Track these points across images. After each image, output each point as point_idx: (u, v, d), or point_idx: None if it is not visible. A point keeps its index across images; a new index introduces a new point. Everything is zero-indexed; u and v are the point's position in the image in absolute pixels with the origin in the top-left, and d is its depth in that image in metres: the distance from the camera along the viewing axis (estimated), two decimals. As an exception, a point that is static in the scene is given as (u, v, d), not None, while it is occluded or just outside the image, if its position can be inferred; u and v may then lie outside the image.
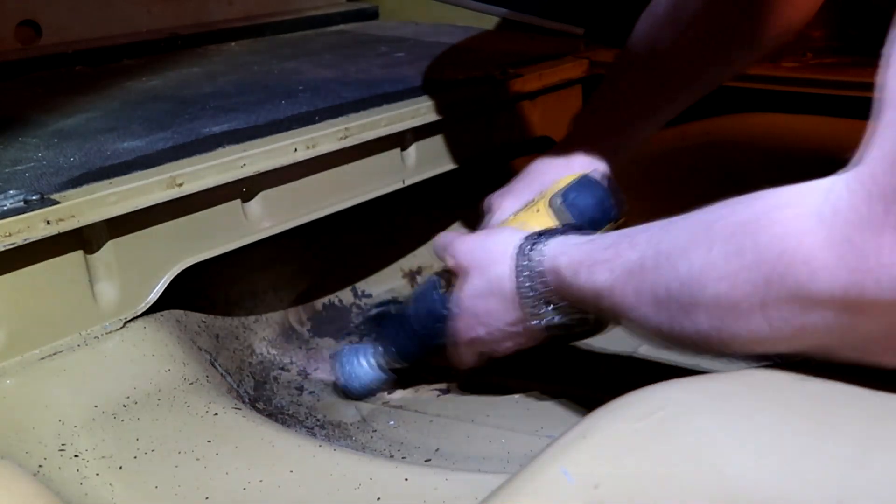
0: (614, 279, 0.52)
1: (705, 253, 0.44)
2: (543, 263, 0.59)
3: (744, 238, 0.42)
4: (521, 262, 0.61)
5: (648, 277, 0.49)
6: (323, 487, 0.52)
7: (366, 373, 0.76)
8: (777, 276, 0.40)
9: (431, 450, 0.67)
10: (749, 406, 0.41)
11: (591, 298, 0.55)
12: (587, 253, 0.56)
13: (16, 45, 1.12)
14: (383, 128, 0.83)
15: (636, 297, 0.50)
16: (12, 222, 0.58)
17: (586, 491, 0.36)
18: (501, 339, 0.66)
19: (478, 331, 0.66)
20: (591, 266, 0.54)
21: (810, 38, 1.10)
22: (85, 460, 0.53)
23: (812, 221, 0.39)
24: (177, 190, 0.67)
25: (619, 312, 0.52)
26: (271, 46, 1.22)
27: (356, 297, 0.96)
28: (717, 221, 0.45)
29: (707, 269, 0.44)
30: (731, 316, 0.43)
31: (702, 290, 0.44)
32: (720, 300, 0.43)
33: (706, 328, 0.45)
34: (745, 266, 0.41)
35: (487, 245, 0.65)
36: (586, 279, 0.55)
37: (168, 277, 0.69)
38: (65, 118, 0.83)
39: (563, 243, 0.60)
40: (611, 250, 0.53)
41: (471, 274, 0.65)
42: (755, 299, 0.41)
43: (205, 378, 0.65)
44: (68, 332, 0.63)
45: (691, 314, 0.45)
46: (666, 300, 0.47)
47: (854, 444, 0.37)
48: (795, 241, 0.39)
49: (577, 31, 1.21)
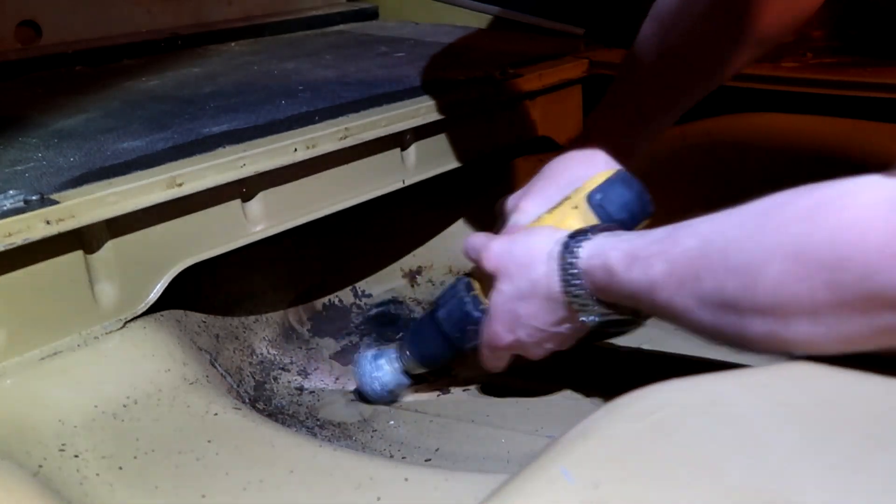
0: (670, 270, 0.50)
1: (765, 238, 0.42)
2: (591, 260, 0.58)
3: (810, 222, 0.40)
4: (567, 259, 0.59)
5: (704, 267, 0.46)
6: (323, 487, 0.52)
7: (390, 379, 0.74)
8: (852, 258, 0.38)
9: (431, 450, 0.67)
10: (749, 406, 0.41)
11: (644, 293, 0.52)
12: (640, 246, 0.53)
13: (16, 45, 1.12)
14: (383, 128, 0.83)
15: (691, 290, 0.48)
16: (12, 222, 0.58)
17: (586, 491, 0.36)
18: (542, 340, 0.64)
19: (518, 333, 0.64)
20: (647, 259, 0.52)
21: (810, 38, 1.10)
22: (85, 460, 0.53)
23: (886, 209, 0.37)
24: (177, 190, 0.67)
25: (672, 307, 0.50)
26: (271, 46, 1.22)
27: (356, 297, 0.96)
28: (782, 207, 0.43)
29: (774, 250, 0.42)
30: (794, 306, 0.41)
31: (764, 272, 0.42)
32: (783, 285, 0.41)
33: (764, 321, 0.43)
34: (815, 247, 0.40)
35: (528, 244, 0.63)
36: (641, 273, 0.52)
37: (168, 277, 0.69)
38: (65, 118, 0.83)
39: (610, 239, 0.58)
40: (667, 241, 0.51)
41: (511, 275, 0.63)
42: (823, 286, 0.39)
43: (205, 378, 0.65)
44: (68, 332, 0.63)
45: (747, 304, 0.44)
46: (721, 290, 0.45)
47: (854, 443, 0.37)
48: (876, 225, 0.37)
49: (577, 31, 1.21)
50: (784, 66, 1.04)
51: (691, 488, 0.36)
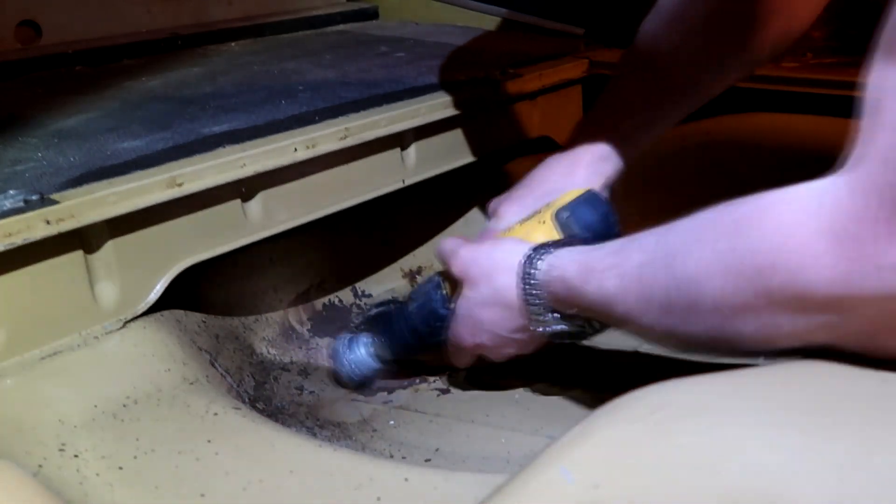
0: (623, 285, 0.53)
1: (702, 253, 0.46)
2: (551, 273, 0.61)
3: (739, 234, 0.43)
4: (528, 271, 0.62)
5: (655, 280, 0.50)
6: (323, 487, 0.52)
7: (362, 361, 0.78)
8: (777, 263, 0.41)
9: (431, 450, 0.67)
10: (748, 406, 0.41)
11: (601, 306, 0.56)
12: (596, 259, 0.57)
13: (16, 45, 1.12)
14: (383, 128, 0.83)
15: (644, 303, 0.51)
16: (12, 222, 0.58)
17: (586, 491, 0.36)
18: (503, 345, 0.68)
19: (480, 337, 0.68)
20: (602, 272, 0.55)
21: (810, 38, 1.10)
22: (85, 460, 0.53)
23: (806, 215, 0.40)
24: (177, 190, 0.67)
25: (629, 321, 0.54)
26: (271, 46, 1.22)
27: (356, 297, 0.96)
28: (715, 221, 0.46)
29: (705, 268, 0.45)
30: (736, 312, 0.44)
31: (701, 289, 0.46)
32: (724, 296, 0.44)
33: (714, 328, 0.46)
34: (745, 258, 0.43)
35: (493, 255, 0.67)
36: (596, 286, 0.55)
37: (168, 277, 0.69)
38: (65, 118, 0.83)
39: (570, 252, 0.61)
40: (620, 255, 0.54)
41: (475, 282, 0.67)
42: (757, 292, 0.42)
43: (205, 378, 0.65)
44: (68, 332, 0.63)
45: (694, 314, 0.47)
46: (673, 302, 0.48)
47: (854, 443, 0.37)
48: (789, 232, 0.40)
49: (577, 31, 1.21)
50: (784, 66, 1.04)
51: (691, 488, 0.36)
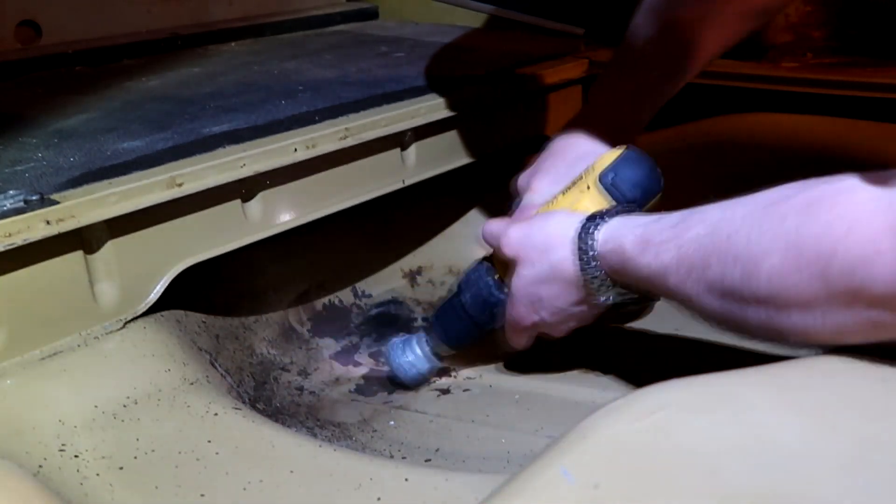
0: (680, 257, 0.52)
1: (766, 230, 0.44)
2: (607, 245, 0.60)
3: (806, 215, 0.42)
4: (584, 244, 0.61)
5: (710, 254, 0.49)
6: (323, 487, 0.52)
7: (419, 362, 0.78)
8: (841, 250, 0.40)
9: (431, 450, 0.67)
10: (748, 406, 0.41)
11: (657, 278, 0.55)
12: (655, 231, 0.56)
13: (16, 45, 1.12)
14: (383, 128, 0.83)
15: (699, 274, 0.50)
16: (12, 222, 0.58)
17: (586, 491, 0.36)
18: (563, 320, 0.67)
19: (540, 314, 0.67)
20: (659, 244, 0.54)
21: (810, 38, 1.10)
22: (85, 460, 0.53)
23: (876, 209, 0.39)
24: (177, 190, 0.67)
25: (682, 293, 0.52)
26: (271, 46, 1.22)
27: (356, 297, 0.96)
28: (784, 200, 0.45)
29: (767, 243, 0.44)
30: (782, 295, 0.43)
31: (758, 264, 0.45)
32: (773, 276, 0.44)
33: (760, 308, 0.45)
34: (802, 241, 0.42)
35: (546, 230, 0.66)
36: (653, 258, 0.55)
37: (168, 277, 0.69)
38: (65, 118, 0.83)
39: (625, 223, 0.60)
40: (679, 227, 0.53)
41: (530, 260, 0.66)
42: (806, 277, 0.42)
43: (205, 378, 0.65)
44: (68, 332, 0.63)
45: (747, 289, 0.46)
46: (729, 276, 0.47)
47: (854, 442, 0.37)
48: (857, 223, 0.40)
49: (577, 31, 1.21)
50: (784, 66, 1.04)
51: (691, 488, 0.36)
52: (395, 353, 0.78)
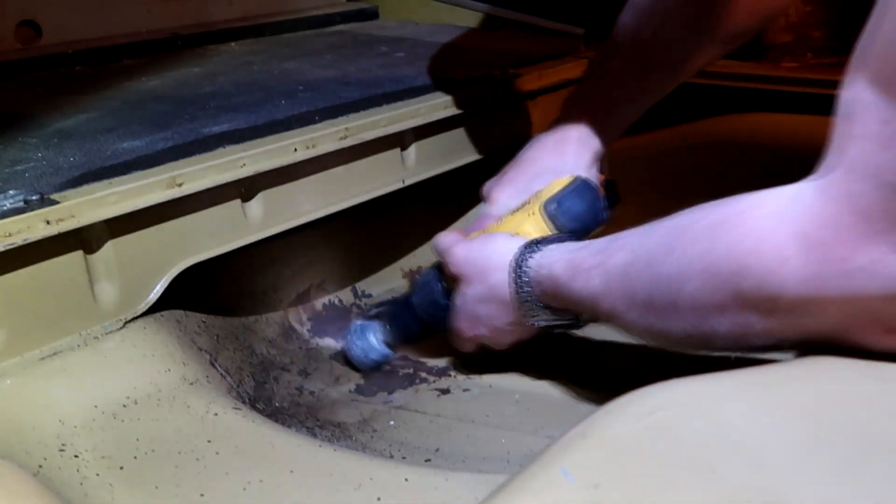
0: (607, 283, 0.55)
1: (686, 251, 0.47)
2: (540, 271, 0.64)
3: (714, 238, 0.45)
4: (519, 269, 0.65)
5: (637, 279, 0.52)
6: (323, 487, 0.52)
7: (371, 347, 0.81)
8: (749, 266, 0.43)
9: (431, 450, 0.67)
10: (749, 406, 0.41)
11: (588, 303, 0.58)
12: (582, 258, 0.59)
13: (16, 45, 1.12)
14: (383, 128, 0.83)
15: (628, 301, 0.53)
16: (12, 222, 0.58)
17: (586, 491, 0.36)
18: (501, 335, 0.71)
19: (479, 329, 0.72)
20: (588, 271, 0.58)
21: (810, 38, 1.10)
22: (85, 460, 0.53)
23: (777, 220, 0.42)
24: (177, 190, 0.67)
25: (614, 317, 0.56)
26: (271, 46, 1.22)
27: (356, 297, 0.96)
28: (693, 224, 0.48)
29: (683, 269, 0.47)
30: (710, 312, 0.46)
31: (679, 291, 0.48)
32: (695, 299, 0.47)
33: (688, 327, 0.48)
34: (719, 260, 0.45)
35: (486, 253, 0.70)
36: (582, 285, 0.58)
37: (168, 277, 0.69)
38: (65, 118, 0.83)
39: (558, 250, 0.64)
40: (602, 254, 0.57)
41: (471, 280, 0.70)
42: (730, 292, 0.44)
43: (205, 378, 0.65)
44: (68, 332, 0.63)
45: (673, 314, 0.49)
46: (653, 301, 0.51)
47: (854, 444, 0.37)
48: (760, 237, 0.42)
49: (577, 31, 1.21)
50: (784, 66, 1.04)
51: (691, 489, 0.36)
52: (351, 336, 0.82)
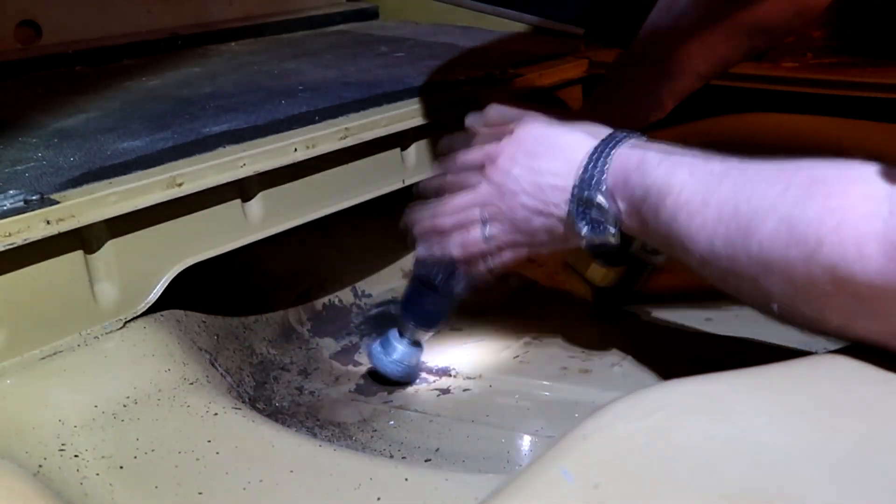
0: (691, 181, 0.52)
1: (781, 189, 0.45)
2: (632, 149, 0.58)
3: (808, 193, 0.44)
4: (609, 145, 0.59)
5: (725, 190, 0.49)
6: (323, 487, 0.52)
7: (404, 355, 0.78)
8: (826, 243, 0.42)
9: (431, 450, 0.67)
10: (747, 406, 0.41)
11: (659, 190, 0.53)
12: (677, 149, 0.56)
13: (16, 45, 1.12)
14: (383, 128, 0.83)
15: (703, 203, 0.50)
16: (12, 222, 0.58)
17: (586, 491, 0.36)
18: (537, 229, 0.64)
19: (521, 199, 0.63)
20: (677, 160, 0.54)
21: (810, 38, 1.10)
22: (85, 460, 0.53)
23: (872, 210, 0.40)
24: (177, 190, 0.67)
25: (678, 216, 0.52)
26: (271, 46, 1.22)
27: (356, 297, 0.96)
28: (797, 168, 0.46)
29: (776, 205, 0.45)
30: (771, 258, 0.45)
31: (764, 221, 0.46)
32: (766, 238, 0.45)
33: (754, 257, 0.46)
34: (804, 220, 0.43)
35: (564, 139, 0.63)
36: (665, 172, 0.53)
37: (168, 277, 0.69)
38: (65, 118, 0.83)
39: (650, 142, 0.59)
40: (702, 156, 0.53)
41: (536, 154, 0.63)
42: (794, 251, 0.43)
43: (205, 378, 0.65)
44: (68, 332, 0.63)
45: (740, 243, 0.47)
46: (728, 219, 0.48)
47: (854, 443, 0.37)
48: (853, 220, 0.41)
49: (577, 31, 1.21)
50: (784, 66, 1.04)
51: (691, 489, 0.36)
52: (378, 358, 0.78)
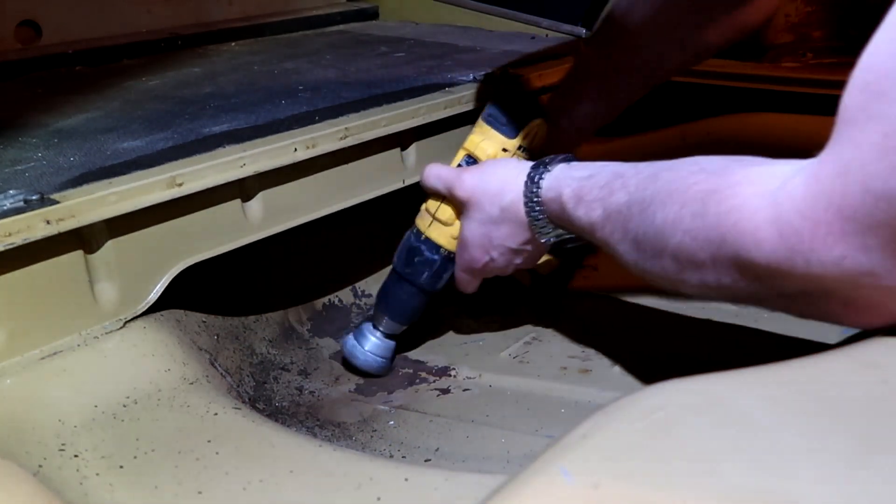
0: (605, 217, 0.62)
1: (678, 209, 0.53)
2: (549, 192, 0.68)
3: (705, 205, 0.50)
4: (530, 191, 0.70)
5: (631, 220, 0.58)
6: (323, 487, 0.52)
7: (377, 347, 0.81)
8: (728, 238, 0.48)
9: (431, 450, 0.67)
10: (748, 406, 0.41)
11: (587, 230, 0.64)
12: (587, 189, 0.64)
13: (16, 45, 1.12)
14: (383, 128, 0.83)
15: (620, 235, 0.60)
16: (12, 222, 0.58)
17: (586, 491, 0.36)
18: (512, 258, 0.75)
19: (491, 254, 0.75)
20: (590, 203, 0.63)
21: (810, 38, 1.10)
22: (85, 460, 0.53)
23: (765, 201, 0.46)
24: (177, 190, 0.67)
25: (607, 245, 0.62)
26: (271, 46, 1.22)
27: (356, 297, 0.96)
28: (690, 187, 0.53)
29: (677, 223, 0.53)
30: (688, 265, 0.53)
31: (666, 241, 0.54)
32: (681, 250, 0.53)
33: (669, 271, 0.55)
34: (705, 226, 0.50)
35: (498, 176, 0.73)
36: (584, 213, 0.64)
37: (168, 277, 0.69)
38: (65, 118, 0.83)
39: (564, 173, 0.68)
40: (605, 189, 0.62)
41: (483, 204, 0.73)
42: (708, 254, 0.50)
43: (205, 378, 0.65)
44: (68, 332, 0.63)
45: (659, 258, 0.55)
46: (641, 242, 0.57)
47: (854, 443, 0.37)
48: (748, 214, 0.47)
49: (577, 32, 1.21)
50: (784, 66, 1.04)
51: (691, 488, 0.36)
52: (351, 350, 0.81)
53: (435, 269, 0.79)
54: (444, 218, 0.78)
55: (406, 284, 0.80)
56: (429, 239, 0.79)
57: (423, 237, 0.79)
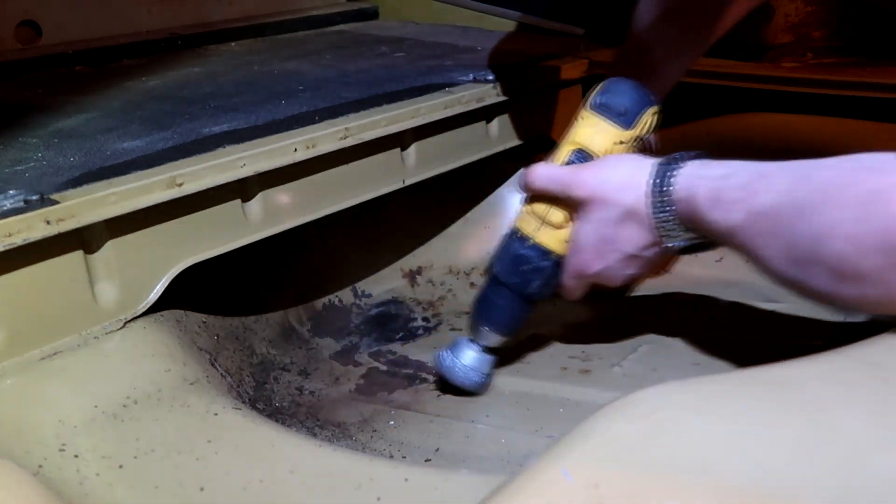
0: (749, 220, 0.55)
1: (832, 214, 0.48)
2: (680, 192, 0.62)
3: (869, 208, 0.46)
4: (659, 188, 0.63)
5: (780, 225, 0.52)
6: (323, 487, 0.52)
7: (478, 362, 0.74)
8: (893, 246, 0.44)
9: (431, 450, 0.67)
10: (747, 406, 0.41)
11: (724, 234, 0.58)
12: (726, 189, 0.58)
13: (16, 45, 1.12)
14: (383, 128, 0.83)
15: (766, 241, 0.54)
16: (12, 222, 0.58)
17: (586, 491, 0.36)
18: (628, 265, 0.68)
19: (607, 259, 0.68)
20: (730, 203, 0.57)
21: (810, 38, 1.10)
22: (85, 460, 0.53)
23: None
24: (177, 190, 0.67)
25: (749, 252, 0.56)
26: (271, 46, 1.22)
27: (356, 297, 0.96)
28: (849, 186, 0.48)
29: (831, 229, 0.48)
30: (847, 276, 0.48)
31: (824, 248, 0.48)
32: (839, 261, 0.48)
33: (822, 282, 0.50)
34: (866, 233, 0.45)
35: (619, 173, 0.67)
36: (721, 216, 0.57)
37: (168, 277, 0.69)
38: (65, 118, 0.83)
39: (697, 172, 0.61)
40: (747, 190, 0.56)
41: (605, 202, 0.66)
42: (872, 265, 0.46)
43: (205, 378, 0.65)
44: (68, 332, 0.63)
45: (812, 267, 0.50)
46: (791, 250, 0.51)
47: (852, 443, 0.37)
48: None
49: (577, 31, 1.21)
50: (784, 66, 1.04)
51: (691, 488, 0.36)
52: (448, 367, 0.74)
53: (546, 276, 0.71)
54: (556, 221, 0.70)
55: (512, 294, 0.72)
56: (538, 245, 0.71)
57: (531, 242, 0.71)
